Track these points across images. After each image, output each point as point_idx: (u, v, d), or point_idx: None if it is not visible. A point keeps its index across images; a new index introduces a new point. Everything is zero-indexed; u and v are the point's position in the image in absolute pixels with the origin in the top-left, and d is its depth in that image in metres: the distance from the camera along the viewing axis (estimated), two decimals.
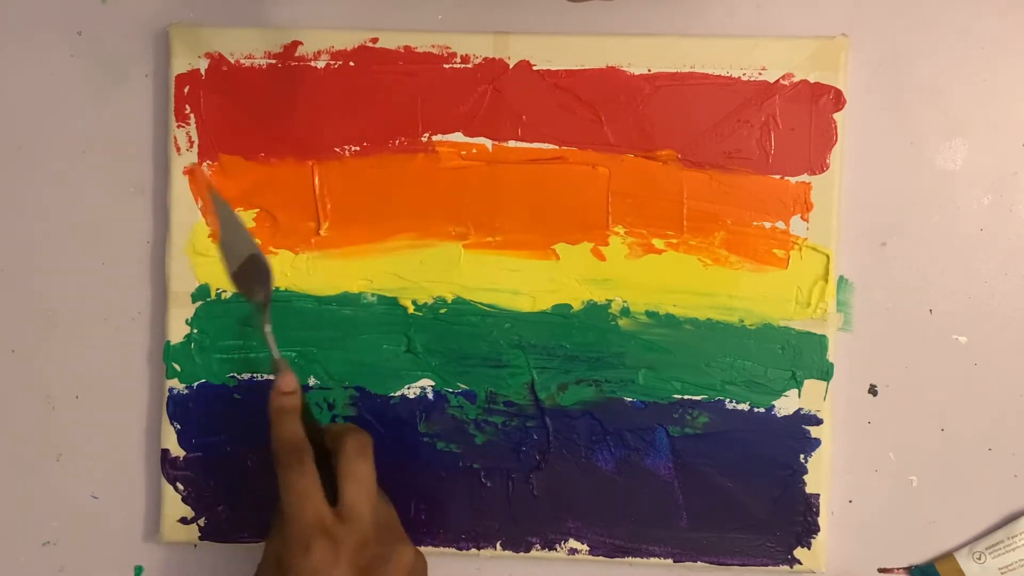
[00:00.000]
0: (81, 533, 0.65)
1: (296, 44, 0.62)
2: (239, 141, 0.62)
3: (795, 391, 0.61)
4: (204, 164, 0.62)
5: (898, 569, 0.63)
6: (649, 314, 0.62)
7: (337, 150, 0.62)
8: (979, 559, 0.62)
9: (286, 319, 0.62)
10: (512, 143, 0.62)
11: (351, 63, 0.62)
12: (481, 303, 0.62)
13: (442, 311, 0.62)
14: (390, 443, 0.63)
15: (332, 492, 0.55)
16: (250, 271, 0.59)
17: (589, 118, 0.61)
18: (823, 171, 0.61)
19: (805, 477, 0.61)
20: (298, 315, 0.63)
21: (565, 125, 0.61)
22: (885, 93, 0.62)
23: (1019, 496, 0.63)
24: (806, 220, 0.61)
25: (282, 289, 0.63)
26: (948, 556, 0.62)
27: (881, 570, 0.63)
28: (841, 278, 0.62)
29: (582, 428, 0.62)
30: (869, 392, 0.63)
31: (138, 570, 0.65)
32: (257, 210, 0.63)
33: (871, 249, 0.62)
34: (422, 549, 0.62)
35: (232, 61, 0.62)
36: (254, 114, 0.62)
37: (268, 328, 0.59)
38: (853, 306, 0.62)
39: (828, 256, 0.61)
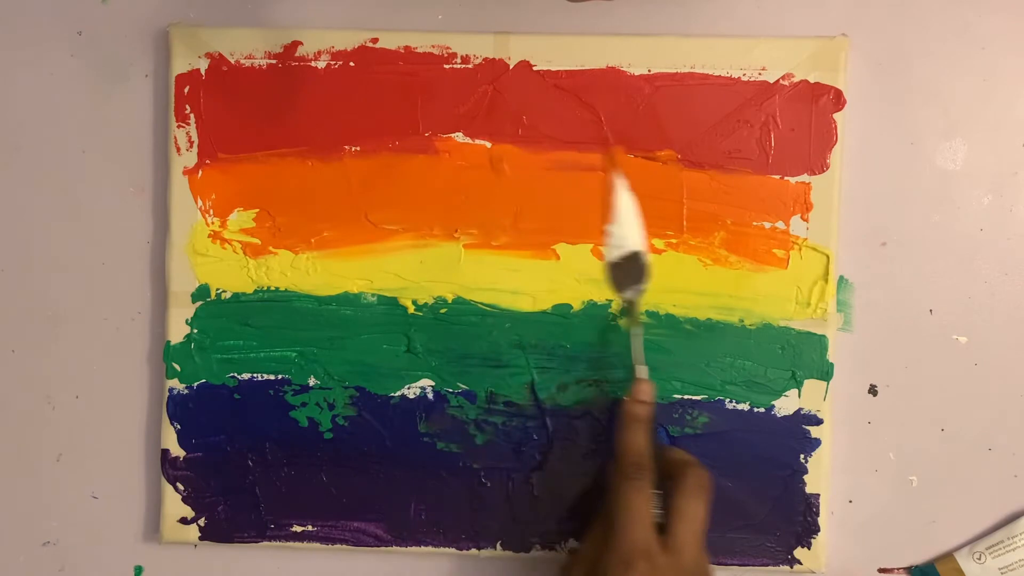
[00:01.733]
0: (81, 533, 0.65)
1: (296, 44, 0.62)
2: (239, 141, 0.62)
3: (795, 391, 0.61)
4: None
5: (898, 569, 0.63)
6: (649, 314, 0.62)
7: (337, 150, 0.62)
8: (979, 559, 0.62)
9: (286, 319, 0.63)
10: (511, 145, 0.62)
11: (351, 63, 0.62)
12: (481, 303, 0.62)
13: (442, 311, 0.62)
14: (390, 443, 0.63)
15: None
16: (629, 266, 0.60)
17: (589, 118, 0.61)
18: (823, 171, 0.61)
19: (805, 477, 0.61)
20: (298, 315, 0.63)
21: (565, 125, 0.61)
22: (885, 93, 0.62)
23: (1019, 496, 0.63)
24: (806, 220, 0.61)
25: (282, 289, 0.63)
26: (948, 556, 0.62)
27: (881, 570, 0.63)
28: (841, 278, 0.62)
29: (582, 428, 0.62)
30: (869, 392, 0.63)
31: (138, 570, 0.65)
32: (257, 210, 0.63)
33: (871, 249, 0.62)
34: (421, 549, 0.63)
35: (232, 61, 0.62)
36: (254, 114, 0.62)
37: (637, 330, 0.60)
38: (853, 306, 0.62)
39: (828, 256, 0.61)
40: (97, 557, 0.65)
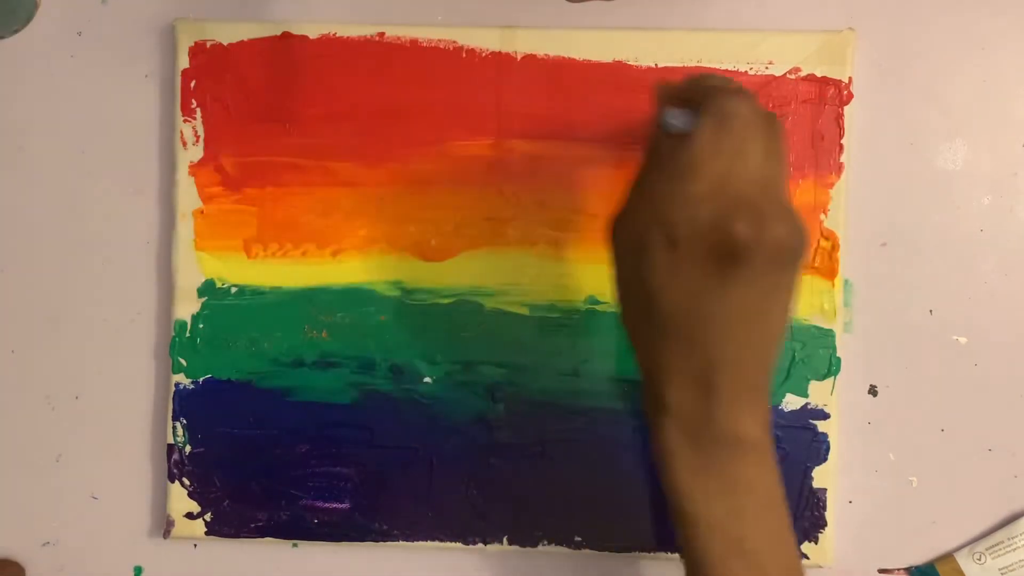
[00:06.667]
0: (81, 533, 0.65)
1: (302, 38, 0.62)
2: (245, 135, 0.62)
3: (802, 386, 0.61)
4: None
5: (898, 570, 0.63)
6: None
7: (344, 147, 0.62)
8: (979, 560, 0.62)
9: (294, 312, 0.63)
10: (517, 140, 0.62)
11: (357, 58, 0.62)
12: (486, 301, 0.62)
13: (446, 302, 0.62)
14: (398, 437, 0.63)
15: None
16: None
17: (594, 113, 0.61)
18: (830, 168, 0.61)
19: (812, 472, 0.61)
20: (307, 307, 0.62)
21: (570, 119, 0.62)
22: (885, 93, 0.62)
23: (1019, 497, 0.63)
24: (822, 217, 0.61)
25: (288, 284, 0.63)
26: (948, 556, 0.62)
27: (881, 571, 0.63)
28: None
29: (588, 425, 0.62)
30: (869, 392, 0.63)
31: (138, 571, 0.65)
32: (264, 204, 0.63)
33: (871, 249, 0.62)
34: (428, 544, 0.63)
35: (238, 55, 0.62)
36: (260, 108, 0.62)
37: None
38: (853, 306, 0.62)
39: (837, 251, 0.61)
40: (97, 557, 0.65)
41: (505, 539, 0.63)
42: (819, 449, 0.61)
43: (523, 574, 0.64)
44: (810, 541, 0.62)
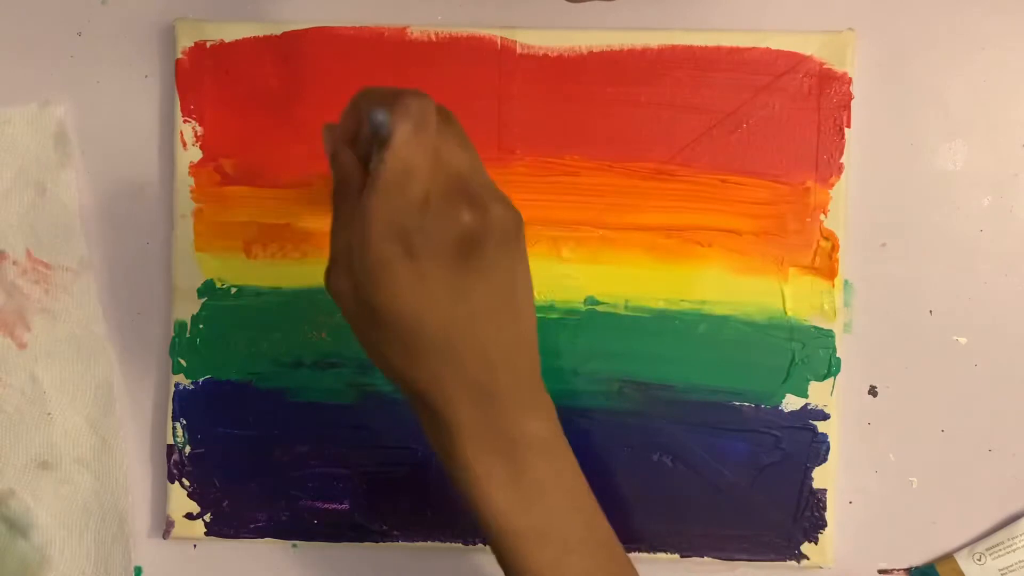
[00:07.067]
0: None
1: (301, 38, 0.62)
2: (245, 135, 0.63)
3: (802, 387, 0.61)
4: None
5: (898, 570, 0.63)
6: (652, 313, 0.62)
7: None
8: (979, 560, 0.62)
9: (293, 312, 0.63)
10: (518, 139, 0.62)
11: (356, 58, 0.62)
12: None
13: None
14: (396, 438, 0.63)
15: None
16: None
17: (597, 110, 0.62)
18: (830, 168, 0.61)
19: (812, 473, 0.61)
20: (306, 307, 0.63)
21: (572, 118, 0.62)
22: (885, 93, 0.62)
23: (1019, 497, 0.63)
24: (820, 218, 0.61)
25: (289, 284, 0.63)
26: (948, 557, 0.62)
27: (881, 571, 0.63)
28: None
29: (588, 425, 0.62)
30: (869, 393, 0.63)
31: (137, 571, 0.65)
32: (264, 204, 0.63)
33: (871, 249, 0.62)
34: (429, 544, 0.63)
35: (237, 55, 0.62)
36: (259, 108, 0.62)
37: None
38: (853, 306, 0.62)
39: (837, 252, 0.61)
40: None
41: None
42: (819, 449, 0.61)
43: None
44: (810, 541, 0.62)
